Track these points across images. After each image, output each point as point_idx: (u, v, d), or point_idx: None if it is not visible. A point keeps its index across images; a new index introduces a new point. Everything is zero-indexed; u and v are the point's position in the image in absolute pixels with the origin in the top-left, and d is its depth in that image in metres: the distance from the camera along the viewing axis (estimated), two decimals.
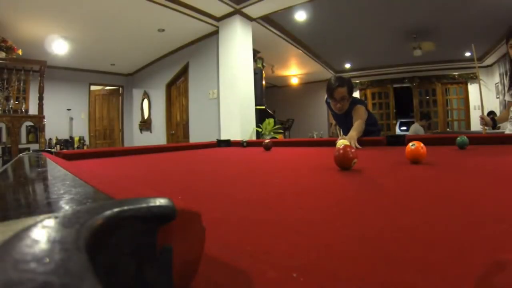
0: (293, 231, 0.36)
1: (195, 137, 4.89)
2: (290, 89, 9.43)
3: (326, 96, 2.20)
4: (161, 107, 6.00)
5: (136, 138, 7.03)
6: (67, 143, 6.11)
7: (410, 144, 0.96)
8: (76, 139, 6.41)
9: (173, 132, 5.79)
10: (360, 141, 1.75)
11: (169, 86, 5.82)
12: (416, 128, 4.73)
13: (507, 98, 2.09)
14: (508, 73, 2.15)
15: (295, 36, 5.33)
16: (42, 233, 0.11)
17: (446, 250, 0.27)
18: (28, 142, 5.58)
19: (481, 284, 0.17)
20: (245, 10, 4.01)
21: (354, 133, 1.76)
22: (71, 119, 6.49)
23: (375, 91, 8.30)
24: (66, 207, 0.26)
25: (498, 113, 5.80)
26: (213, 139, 2.81)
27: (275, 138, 3.80)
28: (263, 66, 5.30)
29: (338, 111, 2.15)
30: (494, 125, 2.12)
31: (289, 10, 4.14)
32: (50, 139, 5.79)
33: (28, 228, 0.11)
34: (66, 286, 0.08)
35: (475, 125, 6.94)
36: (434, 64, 7.15)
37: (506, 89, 2.10)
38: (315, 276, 0.23)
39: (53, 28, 4.29)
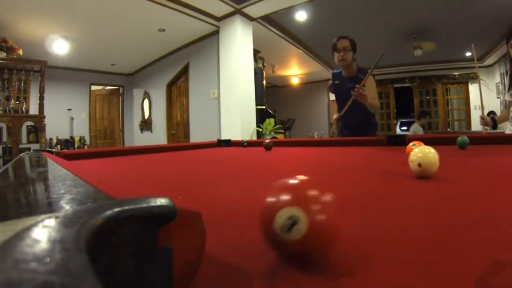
0: None
1: (195, 137, 4.89)
2: (291, 89, 9.42)
3: (329, 83, 2.24)
4: (162, 107, 6.00)
5: (137, 138, 7.03)
6: (68, 143, 6.11)
7: (411, 144, 0.96)
8: (77, 139, 6.41)
9: (173, 132, 5.79)
10: (360, 141, 1.75)
11: (170, 86, 5.82)
12: (416, 128, 4.71)
13: (507, 98, 2.09)
14: (509, 73, 2.15)
15: (296, 36, 5.32)
16: (42, 233, 0.11)
17: (446, 250, 0.27)
18: (29, 142, 5.58)
19: (481, 284, 0.17)
20: (245, 10, 4.01)
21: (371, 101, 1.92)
22: (72, 119, 6.50)
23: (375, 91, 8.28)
24: (66, 207, 0.26)
25: (498, 113, 5.79)
26: (214, 139, 2.81)
27: (275, 138, 3.80)
28: (263, 66, 5.30)
29: (341, 62, 2.21)
30: (495, 125, 2.11)
31: (290, 10, 4.13)
32: (50, 139, 5.79)
33: (29, 228, 0.12)
34: (67, 286, 0.08)
35: (476, 125, 6.93)
36: (435, 64, 7.14)
37: (507, 89, 2.10)
38: (316, 276, 0.23)
39: (53, 28, 4.29)
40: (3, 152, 5.01)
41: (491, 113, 5.20)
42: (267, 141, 1.96)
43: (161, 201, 0.18)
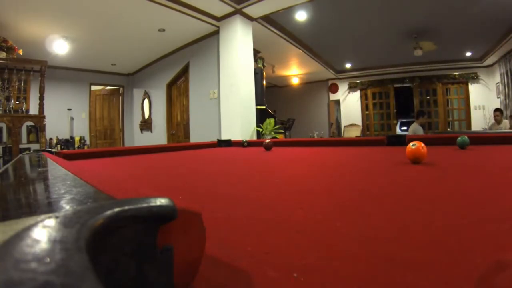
0: (294, 231, 0.36)
1: (195, 137, 4.88)
2: (291, 89, 9.42)
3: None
4: (162, 107, 6.00)
5: (137, 138, 7.03)
6: (68, 143, 6.11)
7: (411, 144, 0.96)
8: (77, 139, 6.41)
9: (173, 132, 5.79)
10: (361, 141, 1.75)
11: (170, 86, 5.82)
12: (415, 128, 4.70)
13: None
14: None
15: (296, 36, 5.32)
16: (43, 232, 0.11)
17: (447, 250, 0.27)
18: (29, 142, 5.58)
19: (481, 284, 0.17)
20: (245, 10, 4.00)
21: None
22: (72, 119, 6.49)
23: (376, 91, 8.29)
24: (66, 207, 0.26)
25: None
26: (214, 139, 2.81)
27: (275, 138, 3.80)
28: (263, 66, 5.30)
29: None
30: None
31: (290, 10, 4.13)
32: (50, 139, 5.79)
33: (29, 228, 0.11)
34: (67, 286, 0.08)
35: (476, 125, 6.93)
36: (435, 64, 7.14)
37: None
38: (316, 276, 0.23)
39: (53, 28, 4.29)
40: (3, 152, 5.00)
41: (498, 110, 5.14)
42: (267, 141, 1.96)
43: (161, 201, 0.18)
